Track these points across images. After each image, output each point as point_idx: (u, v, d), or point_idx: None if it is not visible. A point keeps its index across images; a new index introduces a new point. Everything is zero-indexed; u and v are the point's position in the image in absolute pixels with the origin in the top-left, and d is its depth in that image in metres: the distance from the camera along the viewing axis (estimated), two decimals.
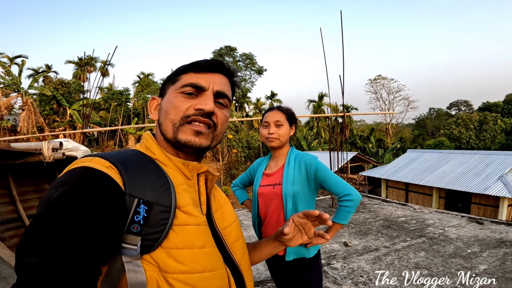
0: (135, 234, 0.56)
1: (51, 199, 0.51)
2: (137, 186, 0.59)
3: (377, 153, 27.60)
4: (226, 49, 30.36)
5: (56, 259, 0.47)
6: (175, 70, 0.75)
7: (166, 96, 0.72)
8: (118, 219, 0.55)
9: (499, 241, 4.37)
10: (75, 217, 0.50)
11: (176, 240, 0.59)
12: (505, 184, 12.91)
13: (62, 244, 0.48)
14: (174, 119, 0.68)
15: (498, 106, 39.43)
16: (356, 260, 3.86)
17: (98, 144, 28.16)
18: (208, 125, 0.70)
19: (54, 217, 0.49)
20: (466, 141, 30.24)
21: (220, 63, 0.74)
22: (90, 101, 9.98)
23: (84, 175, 0.55)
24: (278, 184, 1.61)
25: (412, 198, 16.98)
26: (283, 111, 1.66)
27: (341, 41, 6.76)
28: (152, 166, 0.65)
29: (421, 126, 43.65)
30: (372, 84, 43.16)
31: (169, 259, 0.58)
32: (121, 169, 0.59)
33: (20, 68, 22.58)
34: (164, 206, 0.59)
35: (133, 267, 0.56)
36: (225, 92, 0.74)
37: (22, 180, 3.47)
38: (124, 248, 0.56)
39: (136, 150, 0.70)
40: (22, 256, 0.47)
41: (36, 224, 0.50)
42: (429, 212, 6.38)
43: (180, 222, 0.61)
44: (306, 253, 1.57)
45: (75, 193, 0.52)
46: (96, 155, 0.62)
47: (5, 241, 2.58)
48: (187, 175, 0.71)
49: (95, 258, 0.51)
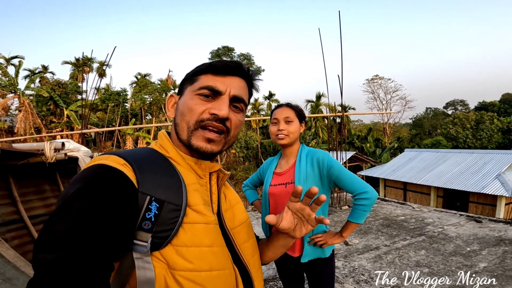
0: (146, 231, 0.57)
1: (67, 196, 0.53)
2: (150, 184, 0.60)
3: (374, 152, 27.67)
4: (223, 49, 30.32)
5: (71, 255, 0.48)
6: (194, 69, 0.75)
7: (184, 96, 0.73)
8: (131, 215, 0.56)
9: (498, 239, 4.41)
10: (90, 213, 0.51)
11: (185, 238, 0.60)
12: (502, 183, 12.99)
13: (77, 240, 0.49)
14: (189, 122, 0.69)
15: (495, 106, 39.64)
16: (357, 258, 3.88)
17: (95, 145, 28.04)
18: (220, 131, 0.70)
19: (69, 214, 0.51)
20: (463, 141, 30.38)
21: (239, 65, 0.74)
22: (88, 102, 9.96)
23: (99, 172, 0.57)
24: (290, 183, 1.57)
25: (410, 197, 17.05)
26: (293, 108, 1.61)
27: (339, 41, 6.79)
28: (165, 164, 0.67)
29: (418, 125, 43.80)
30: (369, 84, 43.25)
31: (177, 257, 0.59)
32: (135, 167, 0.61)
33: (17, 69, 22.42)
34: (175, 204, 0.61)
35: (142, 264, 0.57)
36: (242, 97, 0.74)
37: (22, 181, 3.45)
38: (135, 244, 0.57)
39: (150, 148, 0.72)
40: (39, 252, 0.48)
41: (52, 220, 0.51)
42: (428, 211, 6.42)
43: (190, 220, 0.62)
44: (321, 254, 1.57)
45: (90, 189, 0.53)
46: (112, 153, 0.64)
47: (7, 242, 2.57)
48: (199, 174, 0.72)
49: (109, 253, 0.52)
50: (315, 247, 1.56)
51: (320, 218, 0.73)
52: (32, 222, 3.34)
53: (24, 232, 3.23)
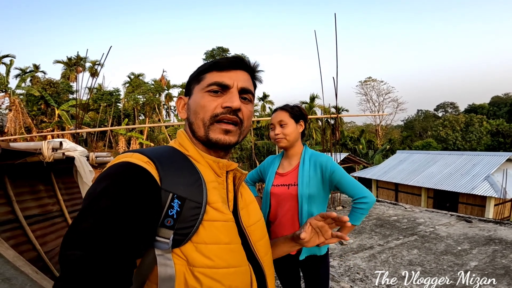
0: (168, 228, 0.58)
1: (94, 194, 0.55)
2: (172, 181, 0.61)
3: (367, 154, 27.97)
4: (218, 50, 30.31)
5: (97, 253, 0.49)
6: (198, 69, 0.77)
7: (193, 96, 0.75)
8: (154, 212, 0.58)
9: (487, 238, 4.52)
10: (117, 211, 0.53)
11: (205, 235, 0.61)
12: (491, 184, 13.27)
13: (103, 237, 0.50)
14: (204, 118, 0.71)
15: (484, 108, 40.47)
16: (352, 258, 3.94)
17: (87, 145, 27.70)
18: (235, 123, 0.72)
19: (96, 212, 0.52)
20: (452, 142, 30.92)
21: (241, 60, 0.76)
22: (82, 102, 9.86)
23: (124, 169, 0.59)
24: (293, 185, 1.61)
25: (402, 198, 17.28)
26: (286, 110, 1.64)
27: (333, 43, 6.87)
28: (186, 162, 0.69)
29: (409, 127, 44.41)
30: (362, 86, 43.78)
31: (197, 254, 0.60)
32: (158, 164, 0.62)
33: (8, 67, 22.08)
34: (196, 202, 0.62)
35: (164, 261, 0.58)
36: (249, 88, 0.76)
37: (18, 181, 3.42)
38: (157, 241, 0.58)
39: (171, 147, 0.73)
40: (66, 249, 0.50)
41: (80, 218, 0.53)
42: (419, 211, 6.53)
43: (210, 218, 0.63)
44: (317, 251, 1.62)
45: (115, 187, 0.55)
46: (135, 150, 0.65)
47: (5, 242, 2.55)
48: (217, 172, 0.73)
49: (133, 250, 0.54)
50: None
51: (339, 235, 0.82)
52: (27, 222, 3.31)
53: (20, 232, 3.20)
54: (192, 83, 0.77)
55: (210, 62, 0.75)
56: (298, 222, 1.61)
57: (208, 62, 0.76)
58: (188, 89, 0.79)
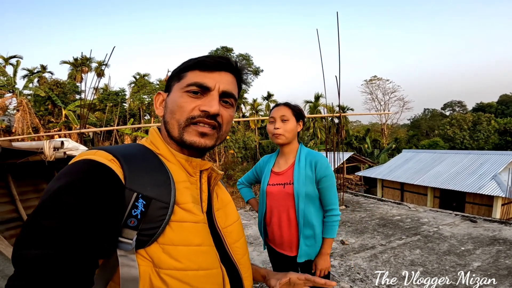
0: (131, 228, 0.56)
1: (52, 190, 0.52)
2: (138, 180, 0.59)
3: (372, 153, 27.77)
4: (222, 50, 30.31)
5: (56, 251, 0.47)
6: (180, 65, 0.73)
7: (172, 94, 0.71)
8: (117, 212, 0.55)
9: (492, 239, 4.46)
10: (75, 209, 0.50)
11: (173, 237, 0.59)
12: (498, 184, 13.10)
13: (62, 236, 0.48)
14: (179, 119, 0.68)
15: (492, 107, 39.91)
16: (353, 257, 3.92)
17: (93, 145, 27.97)
18: (213, 126, 0.69)
19: (54, 209, 0.49)
20: (460, 141, 30.53)
21: (226, 60, 0.72)
22: (87, 102, 9.97)
23: (86, 167, 0.56)
24: (289, 184, 1.60)
25: (407, 197, 17.14)
26: (290, 106, 1.64)
27: (337, 42, 6.84)
28: (155, 161, 0.66)
29: (416, 126, 43.96)
30: (367, 85, 43.46)
31: (164, 255, 0.58)
32: (123, 162, 0.59)
33: (15, 68, 22.36)
34: (163, 202, 0.60)
35: (127, 262, 0.56)
36: (231, 92, 0.72)
37: (21, 180, 3.48)
38: (120, 242, 0.56)
39: (140, 145, 0.70)
40: (21, 248, 0.47)
41: (36, 215, 0.49)
42: (423, 211, 6.47)
43: (178, 219, 0.61)
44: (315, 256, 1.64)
45: (75, 184, 0.52)
46: (100, 148, 0.62)
47: (6, 240, 2.59)
48: (189, 171, 0.71)
49: (94, 250, 0.51)
50: (311, 248, 1.61)
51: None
52: None
53: None
54: (173, 80, 0.73)
55: (195, 59, 0.71)
56: (295, 222, 1.60)
57: (192, 58, 0.72)
58: (168, 85, 0.75)
